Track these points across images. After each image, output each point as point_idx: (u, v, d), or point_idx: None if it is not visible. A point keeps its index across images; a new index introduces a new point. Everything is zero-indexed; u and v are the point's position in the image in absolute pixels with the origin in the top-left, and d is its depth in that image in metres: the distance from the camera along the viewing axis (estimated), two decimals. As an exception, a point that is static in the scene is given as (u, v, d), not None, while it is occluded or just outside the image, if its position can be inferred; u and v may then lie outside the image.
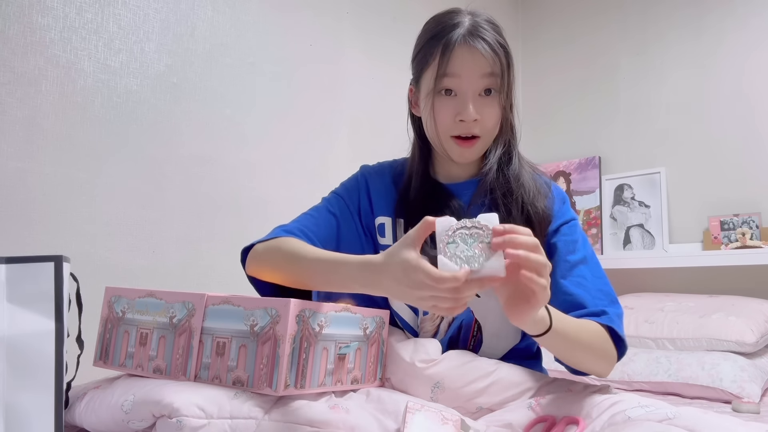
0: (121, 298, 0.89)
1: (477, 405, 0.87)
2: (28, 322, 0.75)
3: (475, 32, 0.92)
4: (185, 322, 0.80)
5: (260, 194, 1.88)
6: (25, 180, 1.41)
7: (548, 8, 2.90)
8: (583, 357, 0.89)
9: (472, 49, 0.92)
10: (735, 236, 2.11)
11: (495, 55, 0.92)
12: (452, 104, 0.94)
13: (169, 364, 0.80)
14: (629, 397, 0.81)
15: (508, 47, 0.95)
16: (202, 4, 1.77)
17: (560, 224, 1.00)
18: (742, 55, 2.26)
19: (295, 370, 0.73)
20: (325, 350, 0.79)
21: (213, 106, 1.78)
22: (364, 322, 0.87)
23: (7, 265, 0.75)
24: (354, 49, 2.19)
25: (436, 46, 0.94)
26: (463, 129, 0.95)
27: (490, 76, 0.93)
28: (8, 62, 1.39)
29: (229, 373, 0.75)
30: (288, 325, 0.72)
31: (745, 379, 1.58)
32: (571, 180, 2.66)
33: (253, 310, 0.75)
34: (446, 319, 1.01)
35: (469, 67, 0.92)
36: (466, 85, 0.93)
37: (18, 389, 0.73)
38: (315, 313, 0.77)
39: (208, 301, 0.79)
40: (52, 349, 0.75)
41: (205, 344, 0.78)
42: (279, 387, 0.71)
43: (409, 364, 0.88)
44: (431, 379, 0.87)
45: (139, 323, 0.86)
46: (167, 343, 0.82)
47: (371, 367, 0.88)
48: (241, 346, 0.75)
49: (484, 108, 0.94)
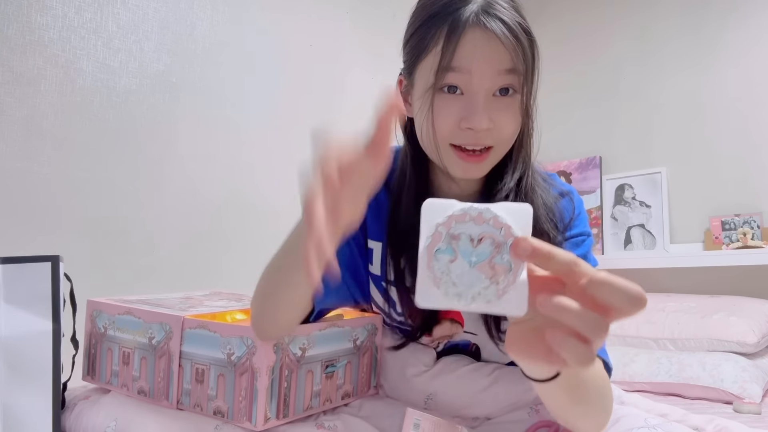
0: (102, 314, 0.88)
1: (474, 415, 0.83)
2: (26, 322, 0.74)
3: (491, 8, 0.68)
4: (164, 344, 0.78)
5: (260, 194, 1.87)
6: (24, 180, 1.40)
7: (548, 8, 2.89)
8: (587, 410, 0.63)
9: (487, 33, 0.67)
10: (736, 236, 2.10)
11: (517, 42, 0.69)
12: (457, 106, 0.70)
13: (152, 387, 0.79)
14: (635, 413, 0.75)
15: (532, 33, 0.72)
16: (202, 4, 1.77)
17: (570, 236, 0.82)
18: (743, 54, 2.25)
19: (275, 402, 0.70)
20: (310, 372, 0.75)
21: (212, 106, 1.78)
22: (354, 333, 0.82)
23: (4, 266, 0.75)
24: (354, 49, 2.19)
25: (438, 26, 0.70)
26: (469, 138, 0.71)
27: (510, 73, 0.69)
28: (7, 62, 1.39)
29: (210, 402, 0.73)
30: (265, 356, 0.68)
31: (747, 380, 1.57)
32: (572, 180, 2.65)
33: (229, 338, 0.71)
34: (442, 344, 0.89)
35: (482, 59, 0.68)
36: (478, 84, 0.69)
37: (15, 390, 0.72)
38: (295, 337, 0.72)
39: (185, 324, 0.77)
40: (49, 350, 0.75)
41: (184, 369, 0.76)
42: (258, 422, 0.68)
43: (400, 374, 0.84)
44: (424, 392, 0.82)
45: (121, 341, 0.85)
46: (148, 364, 0.80)
47: (363, 377, 0.85)
48: (220, 375, 0.72)
49: (499, 112, 0.70)
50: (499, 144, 0.73)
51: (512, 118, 0.72)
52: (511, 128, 0.72)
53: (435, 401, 0.82)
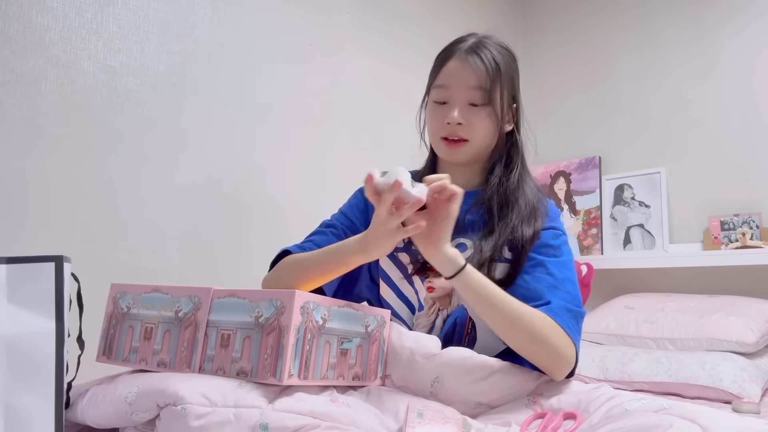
0: (127, 294, 0.90)
1: (476, 401, 0.88)
2: (29, 322, 0.74)
3: (475, 48, 1.01)
4: (191, 315, 0.81)
5: (260, 194, 1.87)
6: (25, 180, 1.41)
7: (548, 8, 2.90)
8: (518, 337, 0.89)
9: (463, 62, 1.00)
10: (735, 236, 2.11)
11: (485, 70, 0.99)
12: (442, 110, 1.02)
13: (173, 358, 0.81)
14: (626, 393, 0.83)
15: (502, 65, 1.01)
16: (202, 4, 1.77)
17: (542, 229, 1.02)
18: (743, 54, 2.26)
19: (298, 361, 0.74)
20: (328, 344, 0.80)
21: (213, 106, 1.78)
22: (366, 319, 0.88)
23: (8, 266, 0.75)
24: (354, 49, 2.19)
25: (438, 60, 1.06)
26: (449, 131, 1.02)
27: (476, 89, 1.00)
28: (8, 62, 1.39)
29: (233, 364, 0.76)
30: (293, 315, 0.74)
31: (746, 379, 1.58)
32: (571, 180, 2.66)
33: (258, 302, 0.77)
34: (441, 316, 1.03)
35: (456, 79, 1.01)
36: (455, 95, 1.01)
37: (18, 389, 0.73)
38: (319, 306, 0.79)
39: (214, 294, 0.81)
40: (52, 350, 0.75)
41: (209, 337, 0.79)
42: (283, 376, 0.72)
43: (409, 358, 0.89)
44: (431, 374, 0.88)
45: (144, 318, 0.86)
46: (172, 336, 0.82)
47: (372, 366, 0.89)
48: (246, 338, 0.76)
49: (471, 116, 1.01)
50: (473, 138, 1.02)
51: (483, 123, 1.02)
52: (483, 129, 1.02)
53: (440, 384, 0.87)
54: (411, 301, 1.06)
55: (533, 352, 0.89)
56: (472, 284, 0.88)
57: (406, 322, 1.05)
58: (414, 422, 0.71)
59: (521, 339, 0.89)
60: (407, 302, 1.06)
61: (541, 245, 1.00)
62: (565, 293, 0.95)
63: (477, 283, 0.88)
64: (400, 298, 1.06)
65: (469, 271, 0.88)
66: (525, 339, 0.88)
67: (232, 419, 0.68)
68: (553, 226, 1.03)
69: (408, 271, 1.04)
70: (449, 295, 1.03)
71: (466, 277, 0.88)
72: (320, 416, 0.69)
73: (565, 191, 2.66)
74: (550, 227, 1.03)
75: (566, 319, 0.91)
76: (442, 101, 1.02)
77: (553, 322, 0.90)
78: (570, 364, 0.90)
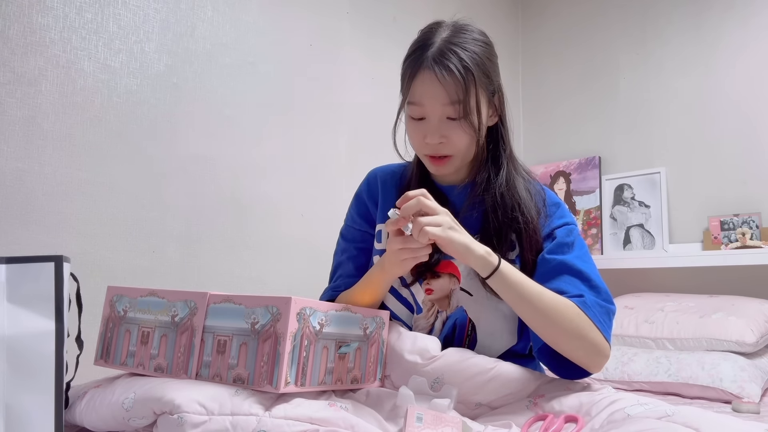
0: (123, 297, 0.89)
1: (476, 401, 0.87)
2: (28, 322, 0.74)
3: (442, 55, 0.92)
4: (187, 320, 0.81)
5: (260, 194, 1.88)
6: (25, 180, 1.41)
7: (548, 9, 2.89)
8: (557, 331, 0.89)
9: (432, 77, 0.92)
10: (735, 236, 2.11)
11: (457, 82, 0.92)
12: (421, 128, 0.97)
13: (170, 363, 0.81)
14: (628, 396, 0.82)
15: (474, 67, 0.93)
16: (202, 4, 1.77)
17: (555, 227, 1.01)
18: (743, 54, 2.26)
19: (295, 368, 0.74)
20: (326, 349, 0.80)
21: (213, 106, 1.78)
22: (364, 322, 0.88)
23: (8, 265, 0.75)
24: (354, 49, 2.19)
25: (407, 69, 0.98)
26: (432, 150, 0.98)
27: (451, 104, 0.93)
28: (8, 62, 1.39)
29: (230, 371, 0.76)
30: (289, 322, 0.73)
31: (745, 379, 1.58)
32: (571, 180, 2.66)
33: (254, 308, 0.76)
34: (440, 318, 1.03)
35: (430, 96, 0.94)
36: (430, 111, 0.95)
37: (18, 390, 0.73)
38: (315, 311, 0.78)
39: (210, 299, 0.80)
40: (52, 350, 0.75)
41: (206, 342, 0.79)
42: (279, 384, 0.71)
43: (409, 360, 0.89)
44: (431, 375, 0.88)
45: (141, 322, 0.86)
46: (169, 341, 0.82)
47: (371, 367, 0.89)
48: (242, 344, 0.76)
49: (451, 131, 0.96)
50: (457, 152, 0.98)
51: (463, 135, 0.96)
52: (464, 141, 0.97)
53: (440, 385, 0.87)
54: (409, 303, 1.06)
55: (573, 347, 0.90)
56: (508, 281, 0.88)
57: (405, 323, 1.05)
58: (413, 426, 0.71)
59: (559, 334, 0.89)
60: (406, 304, 1.06)
61: (556, 246, 0.99)
62: (596, 287, 0.95)
63: (512, 279, 0.88)
64: (399, 300, 1.06)
65: (504, 269, 0.88)
66: (563, 334, 0.89)
67: (228, 428, 0.68)
68: (562, 224, 1.02)
69: (407, 281, 1.04)
70: (448, 296, 1.03)
71: (502, 275, 0.87)
72: (318, 421, 0.69)
73: (565, 191, 2.66)
74: (561, 224, 1.02)
75: (599, 315, 0.92)
76: (419, 117, 0.97)
77: (586, 317, 0.90)
78: (607, 355, 0.92)
